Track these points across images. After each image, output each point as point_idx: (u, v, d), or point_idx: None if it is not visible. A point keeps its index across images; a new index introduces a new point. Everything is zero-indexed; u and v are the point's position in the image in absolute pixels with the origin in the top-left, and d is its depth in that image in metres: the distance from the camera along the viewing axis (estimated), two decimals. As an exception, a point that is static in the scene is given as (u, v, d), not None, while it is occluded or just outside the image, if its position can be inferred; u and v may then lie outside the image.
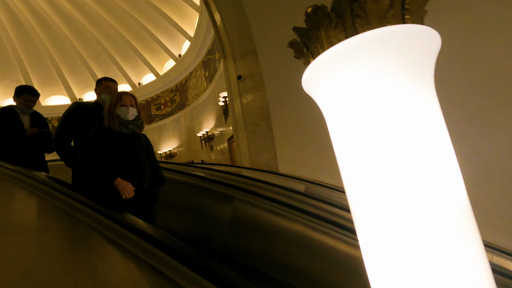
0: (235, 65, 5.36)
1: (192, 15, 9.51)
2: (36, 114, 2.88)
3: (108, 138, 1.87)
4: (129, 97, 2.04)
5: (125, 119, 1.95)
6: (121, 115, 1.94)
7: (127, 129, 1.96)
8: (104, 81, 2.50)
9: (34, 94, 2.79)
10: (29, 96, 2.73)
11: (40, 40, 11.34)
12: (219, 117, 9.02)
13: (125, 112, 1.95)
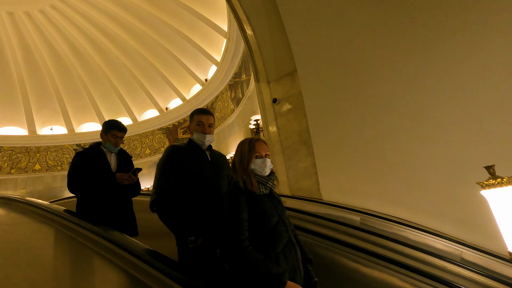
0: (269, 88, 5.24)
1: (218, 41, 9.71)
2: (122, 152, 2.48)
3: (250, 206, 1.37)
4: (263, 144, 1.54)
5: (262, 175, 1.46)
6: (257, 170, 1.45)
7: (266, 188, 1.46)
8: (196, 115, 1.91)
9: (123, 130, 2.40)
10: (117, 132, 2.34)
11: (75, 70, 12.00)
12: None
13: (262, 165, 1.46)
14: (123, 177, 2.17)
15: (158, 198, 1.59)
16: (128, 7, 9.76)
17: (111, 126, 2.36)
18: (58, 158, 13.10)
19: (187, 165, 1.71)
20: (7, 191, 11.92)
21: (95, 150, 2.30)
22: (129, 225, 2.26)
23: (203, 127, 1.87)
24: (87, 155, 2.26)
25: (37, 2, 9.50)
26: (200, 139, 1.86)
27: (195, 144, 1.87)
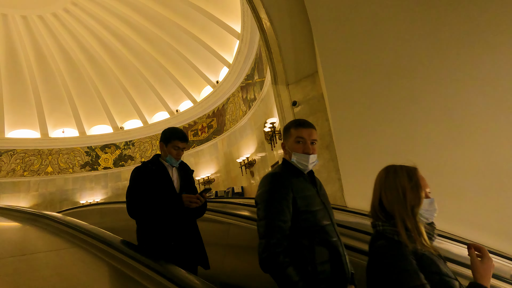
0: (288, 91, 5.08)
1: (230, 43, 9.60)
2: (183, 166, 2.11)
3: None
4: (424, 180, 1.16)
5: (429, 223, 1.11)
6: (425, 216, 1.08)
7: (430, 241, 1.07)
8: (293, 129, 1.45)
9: (185, 139, 2.05)
10: (179, 143, 1.98)
11: (87, 73, 12.03)
12: (260, 142, 8.74)
13: (431, 208, 1.10)
14: (191, 199, 1.80)
15: (276, 245, 1.18)
16: (140, 9, 9.72)
17: (172, 135, 2.00)
18: (70, 160, 13.15)
19: (299, 201, 1.30)
20: (20, 193, 12.01)
21: (156, 165, 1.95)
22: (199, 257, 1.95)
23: (305, 145, 1.42)
24: (147, 171, 1.90)
25: (50, 5, 9.53)
26: (302, 161, 1.40)
27: (294, 168, 1.42)
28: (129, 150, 13.69)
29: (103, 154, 13.56)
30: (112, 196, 13.09)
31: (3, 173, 11.88)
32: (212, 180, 11.55)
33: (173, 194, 1.86)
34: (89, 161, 13.37)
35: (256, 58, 8.50)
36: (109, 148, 13.67)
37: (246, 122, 9.78)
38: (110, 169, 13.45)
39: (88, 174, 13.21)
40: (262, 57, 7.90)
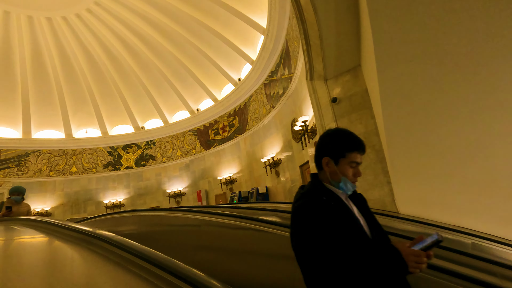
0: (327, 86, 4.72)
1: (254, 38, 9.29)
2: (356, 195, 1.37)
3: None
4: None
5: None
6: None
7: None
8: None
9: (365, 148, 1.31)
10: (358, 156, 1.27)
11: (109, 73, 12.06)
12: (287, 141, 8.41)
13: None
14: (420, 259, 1.01)
15: None
16: (162, 7, 9.57)
17: (349, 144, 1.26)
18: (93, 160, 13.27)
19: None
20: (46, 193, 12.23)
21: (330, 196, 1.20)
22: None
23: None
24: (327, 209, 1.13)
25: (74, 6, 9.54)
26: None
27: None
28: (150, 150, 13.68)
29: (125, 154, 13.62)
30: (134, 195, 13.14)
31: (30, 173, 12.12)
32: (234, 180, 11.32)
33: (357, 228, 1.16)
34: (111, 161, 13.46)
35: (282, 54, 8.15)
36: (130, 148, 13.71)
37: (270, 121, 9.46)
38: (132, 169, 13.49)
39: (111, 174, 13.30)
40: (289, 52, 7.55)
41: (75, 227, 1.55)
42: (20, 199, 4.35)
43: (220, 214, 2.73)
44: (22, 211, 4.26)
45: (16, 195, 4.33)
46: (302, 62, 6.36)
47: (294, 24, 6.51)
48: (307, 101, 6.48)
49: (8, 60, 10.65)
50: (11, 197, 4.31)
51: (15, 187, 4.42)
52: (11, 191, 4.36)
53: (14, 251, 1.52)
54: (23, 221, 3.09)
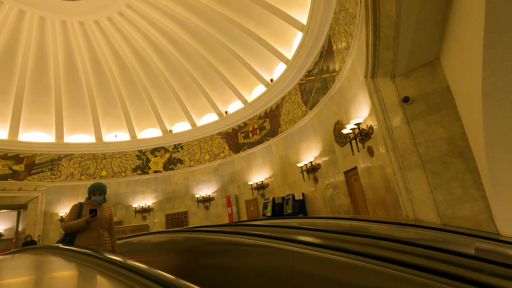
0: (394, 84, 4.13)
1: (290, 36, 8.80)
2: None
3: None
4: None
5: None
6: None
7: None
8: None
9: None
10: None
11: (138, 76, 11.97)
12: (327, 145, 7.83)
13: None
14: None
15: None
16: (193, 7, 9.29)
17: None
18: (122, 164, 13.26)
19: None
20: (78, 196, 12.28)
21: None
22: None
23: None
24: None
25: (106, 9, 9.46)
26: None
27: None
28: (178, 154, 13.50)
29: (153, 158, 13.51)
30: (163, 200, 12.98)
31: (63, 177, 12.24)
32: (266, 185, 10.85)
33: None
34: (140, 164, 13.40)
35: (323, 51, 7.60)
36: (158, 151, 13.59)
37: (307, 123, 8.91)
38: (160, 173, 13.36)
39: (139, 177, 13.23)
40: (332, 48, 6.99)
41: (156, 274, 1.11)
42: (102, 200, 3.33)
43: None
44: (106, 216, 3.27)
45: (97, 195, 3.29)
46: (352, 59, 5.80)
47: (342, 17, 5.96)
48: (357, 101, 5.90)
49: (43, 66, 10.77)
50: (90, 197, 3.31)
51: (96, 184, 3.37)
52: (92, 189, 3.33)
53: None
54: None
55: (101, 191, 3.32)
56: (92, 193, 3.31)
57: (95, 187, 3.31)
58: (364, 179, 6.07)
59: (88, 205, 3.19)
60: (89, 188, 3.37)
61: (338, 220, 3.71)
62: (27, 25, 9.41)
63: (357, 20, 4.88)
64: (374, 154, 5.42)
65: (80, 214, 3.11)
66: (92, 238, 3.01)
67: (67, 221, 3.07)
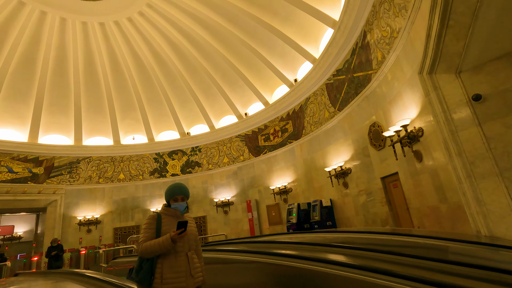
0: (460, 80, 3.63)
1: (318, 34, 8.36)
2: None
3: None
4: None
5: None
6: None
7: None
8: None
9: None
10: None
11: (157, 78, 11.76)
12: (360, 148, 7.31)
13: None
14: None
15: None
16: (215, 5, 8.98)
17: None
18: (140, 167, 13.05)
19: None
20: (96, 200, 12.13)
21: None
22: None
23: None
24: None
25: (127, 9, 9.26)
26: None
27: None
28: (195, 156, 13.20)
29: (170, 161, 13.26)
30: (180, 204, 12.66)
31: (81, 180, 12.11)
32: (289, 189, 10.39)
33: None
34: (157, 167, 13.16)
35: (356, 48, 7.12)
36: (176, 154, 13.33)
37: (335, 125, 8.42)
38: (177, 176, 13.08)
39: (157, 181, 12.98)
40: (368, 45, 6.51)
41: None
42: (185, 209, 2.33)
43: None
44: (193, 231, 2.27)
45: (180, 200, 2.29)
46: (396, 55, 5.30)
47: (384, 10, 5.49)
48: (400, 101, 5.40)
49: (63, 68, 10.68)
50: (170, 204, 2.28)
51: (177, 185, 2.33)
52: (172, 192, 2.29)
53: None
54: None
55: (185, 195, 2.31)
56: (172, 197, 2.29)
57: (177, 189, 2.29)
58: (408, 186, 5.54)
59: (168, 217, 2.24)
60: (168, 191, 2.32)
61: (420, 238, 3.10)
62: (48, 26, 9.30)
63: (409, 11, 4.40)
64: (423, 159, 4.90)
65: (159, 229, 2.15)
66: (180, 266, 2.07)
67: (142, 241, 2.11)
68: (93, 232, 11.61)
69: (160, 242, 2.03)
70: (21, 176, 10.98)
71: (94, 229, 11.67)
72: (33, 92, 10.74)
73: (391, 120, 5.84)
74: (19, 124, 11.20)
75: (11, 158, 10.93)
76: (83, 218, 11.52)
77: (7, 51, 9.43)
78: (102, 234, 11.72)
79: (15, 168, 10.92)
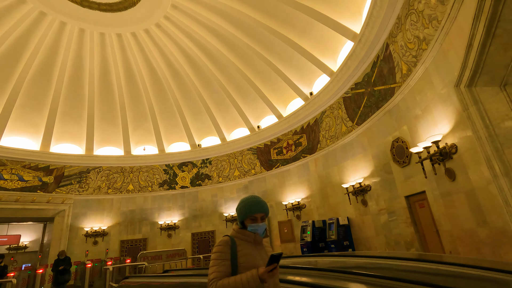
0: (506, 94, 3.36)
1: (336, 46, 8.23)
2: None
3: None
4: None
5: None
6: None
7: None
8: None
9: None
10: None
11: (170, 89, 11.74)
12: (382, 164, 6.98)
13: None
14: None
15: None
16: (232, 17, 8.98)
17: None
18: (149, 178, 12.86)
19: None
20: (104, 211, 11.91)
21: None
22: None
23: None
24: None
25: (145, 21, 9.33)
26: None
27: None
28: (206, 169, 12.97)
29: (180, 173, 13.05)
30: (189, 217, 12.36)
31: (90, 190, 11.95)
32: (302, 206, 10.01)
33: None
34: (167, 179, 12.95)
35: (377, 61, 6.92)
36: (186, 166, 13.13)
37: (353, 139, 8.14)
38: (187, 189, 12.83)
39: (166, 193, 12.74)
40: (391, 58, 6.30)
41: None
42: (265, 231, 1.75)
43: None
44: None
45: (259, 220, 1.70)
46: (425, 67, 5.07)
47: (411, 21, 5.30)
48: (429, 115, 5.11)
49: (79, 78, 10.75)
50: (246, 225, 1.71)
51: (256, 200, 1.74)
52: (251, 209, 1.70)
53: None
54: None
55: (265, 213, 1.72)
56: (250, 216, 1.68)
57: (256, 206, 1.69)
58: (438, 207, 5.17)
59: (245, 243, 1.67)
60: (243, 207, 1.71)
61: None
62: (67, 36, 9.42)
63: (442, 21, 4.19)
64: (457, 178, 4.56)
65: (235, 260, 1.59)
66: None
67: (216, 278, 1.52)
68: (99, 244, 11.32)
69: (244, 281, 1.44)
70: (31, 185, 10.88)
71: (101, 241, 11.39)
72: (48, 101, 10.80)
73: (418, 136, 5.54)
74: (32, 132, 11.22)
75: (23, 166, 10.88)
76: (90, 229, 11.28)
77: (25, 60, 9.55)
78: (108, 246, 11.42)
79: (25, 177, 10.84)
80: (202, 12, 9.10)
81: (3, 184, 10.40)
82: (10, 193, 10.41)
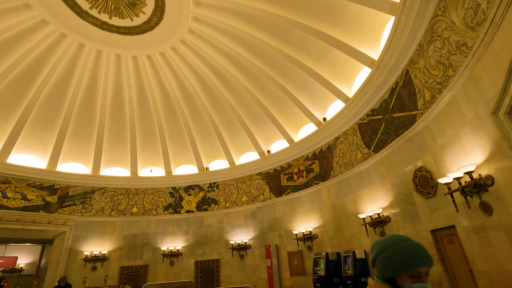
0: (554, 122, 3.10)
1: (352, 73, 8.18)
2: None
3: None
4: None
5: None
6: None
7: None
8: None
9: None
10: None
11: (181, 111, 11.72)
12: (403, 194, 6.60)
13: None
14: None
15: None
16: (247, 42, 9.10)
17: None
18: (154, 201, 12.49)
19: None
20: (106, 233, 11.45)
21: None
22: None
23: None
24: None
25: (162, 44, 9.50)
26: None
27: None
28: (213, 193, 12.59)
29: (186, 196, 12.67)
30: (193, 244, 11.79)
31: (93, 211, 11.58)
32: (314, 236, 9.47)
33: None
34: (172, 203, 12.55)
35: (396, 88, 6.78)
36: (192, 189, 12.78)
37: (370, 167, 7.82)
38: (192, 213, 12.38)
39: (171, 217, 12.29)
40: (411, 84, 6.15)
41: None
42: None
43: None
44: None
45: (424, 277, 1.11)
46: (452, 94, 4.87)
47: (434, 48, 5.19)
48: (459, 144, 4.83)
49: (92, 98, 10.82)
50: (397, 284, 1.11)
51: (417, 246, 1.13)
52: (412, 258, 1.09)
53: None
54: None
55: (430, 265, 1.12)
56: (409, 270, 1.09)
57: (418, 255, 1.10)
58: (471, 244, 4.73)
59: None
60: (396, 253, 1.12)
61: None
62: (84, 57, 9.58)
63: (474, 47, 4.05)
64: (493, 213, 4.18)
65: None
66: None
67: None
68: (98, 269, 10.74)
69: None
70: (33, 204, 10.58)
71: (100, 266, 10.82)
72: (59, 119, 10.80)
73: (445, 165, 5.23)
74: (40, 150, 11.12)
75: (27, 185, 10.65)
76: (90, 254, 10.75)
77: (41, 79, 9.66)
78: (107, 272, 10.82)
79: (29, 196, 10.58)
80: (218, 37, 9.25)
81: (6, 202, 10.12)
82: (12, 212, 10.10)
